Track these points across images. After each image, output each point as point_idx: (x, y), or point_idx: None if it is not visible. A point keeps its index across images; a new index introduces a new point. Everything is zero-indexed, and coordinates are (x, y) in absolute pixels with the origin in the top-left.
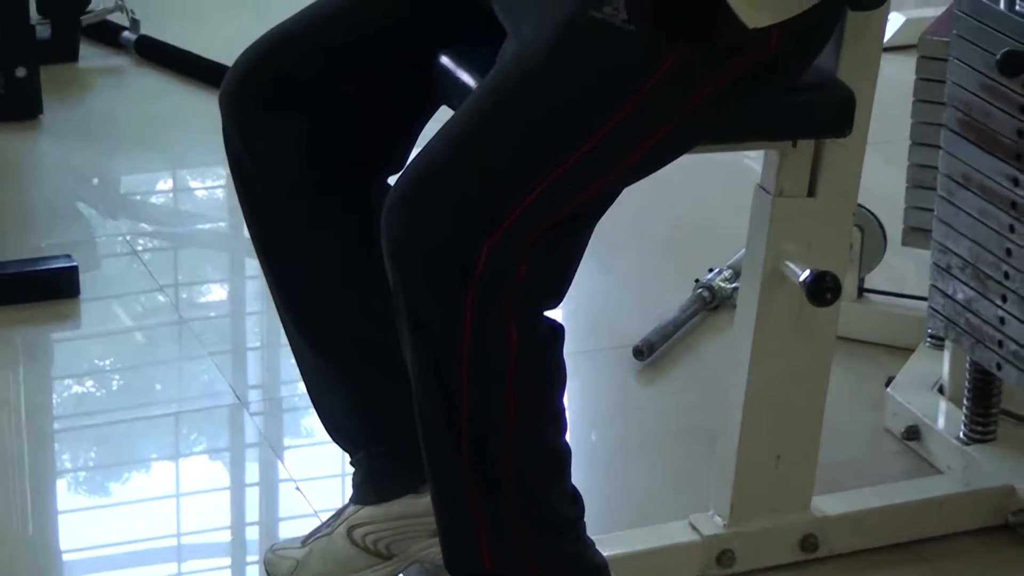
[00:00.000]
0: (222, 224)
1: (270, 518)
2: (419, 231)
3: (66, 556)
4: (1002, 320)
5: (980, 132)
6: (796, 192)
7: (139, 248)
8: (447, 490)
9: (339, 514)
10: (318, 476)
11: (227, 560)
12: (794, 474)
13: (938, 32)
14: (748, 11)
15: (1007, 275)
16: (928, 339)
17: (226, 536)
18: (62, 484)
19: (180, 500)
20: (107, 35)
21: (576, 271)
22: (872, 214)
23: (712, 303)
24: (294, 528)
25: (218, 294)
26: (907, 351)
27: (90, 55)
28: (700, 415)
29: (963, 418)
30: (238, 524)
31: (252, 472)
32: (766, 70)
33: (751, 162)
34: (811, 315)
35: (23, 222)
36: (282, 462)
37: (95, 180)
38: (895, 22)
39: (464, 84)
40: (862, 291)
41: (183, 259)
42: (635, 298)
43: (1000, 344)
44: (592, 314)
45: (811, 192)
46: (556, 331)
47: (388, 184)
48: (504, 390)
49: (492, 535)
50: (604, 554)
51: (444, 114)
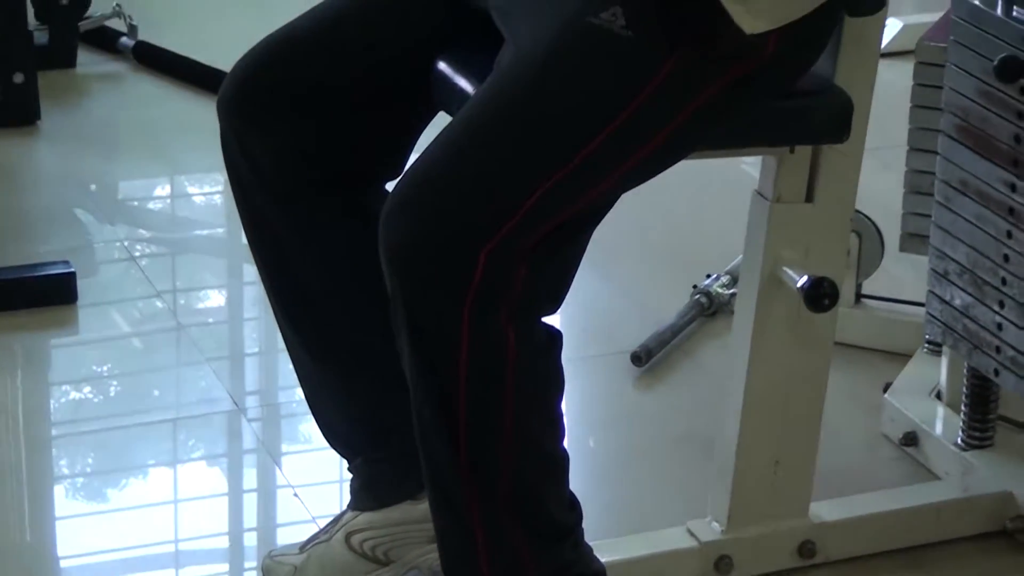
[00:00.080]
0: (220, 230)
1: (268, 524)
2: (417, 237)
3: (63, 563)
4: (1000, 326)
5: (978, 138)
6: (794, 198)
7: (137, 254)
8: (445, 496)
9: (337, 520)
10: (316, 482)
11: (225, 566)
12: (792, 480)
13: (936, 38)
14: (746, 17)
15: (1004, 281)
16: (926, 345)
17: (224, 542)
18: (60, 490)
19: (178, 506)
20: (105, 41)
21: (574, 277)
22: (870, 220)
23: (710, 309)
24: (292, 534)
25: (216, 300)
26: (905, 357)
27: (88, 61)
28: (698, 421)
29: (961, 424)
30: (236, 530)
31: (250, 478)
32: (763, 76)
33: (748, 168)
34: (809, 321)
35: (21, 228)
36: (280, 468)
37: (93, 186)
38: (892, 28)
39: (462, 90)
40: (860, 297)
41: (181, 265)
42: (633, 304)
43: (998, 350)
44: (590, 320)
45: (809, 198)
46: (554, 337)
47: (386, 190)
48: (502, 396)
49: (490, 541)
50: (602, 560)
51: (442, 120)
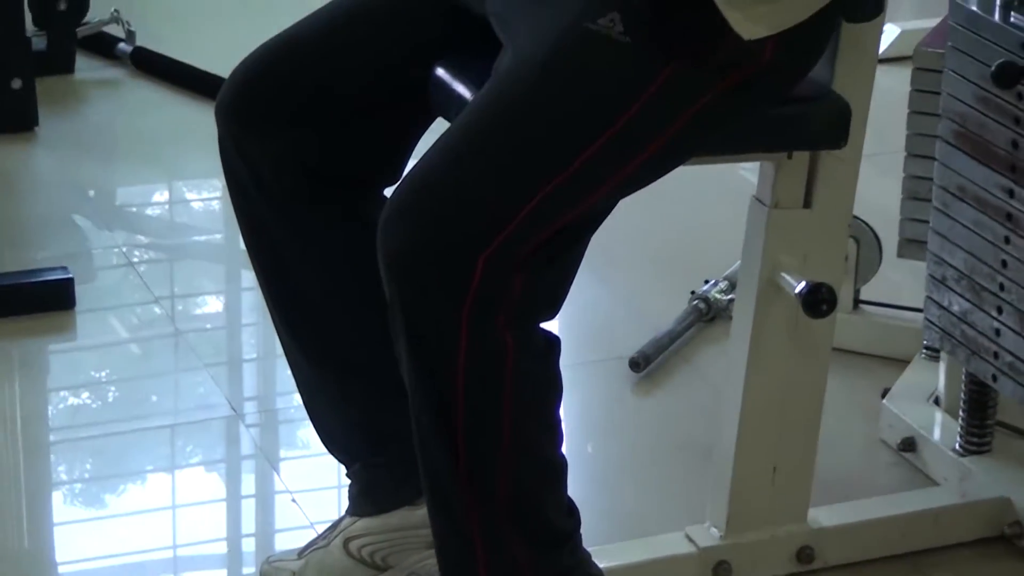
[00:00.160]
0: (218, 236)
1: (266, 530)
2: (415, 243)
3: (61, 568)
4: (997, 332)
5: (975, 144)
6: (792, 204)
7: (135, 260)
8: (443, 502)
9: (335, 526)
10: (314, 488)
11: (223, 572)
12: (790, 486)
13: (933, 44)
14: (744, 23)
15: (1002, 287)
16: (924, 351)
17: (222, 548)
18: (58, 496)
19: (176, 512)
20: (103, 47)
21: (572, 283)
22: (868, 226)
23: (708, 315)
24: (290, 540)
25: (214, 306)
26: (903, 363)
27: (86, 67)
28: (696, 427)
29: (959, 430)
30: (234, 536)
31: (248, 484)
32: (761, 82)
33: (747, 174)
34: (807, 327)
35: (19, 234)
36: (278, 474)
37: (91, 192)
38: (890, 33)
39: (460, 96)
40: (858, 303)
41: (179, 271)
42: (631, 310)
43: (996, 356)
44: (588, 326)
45: (807, 204)
46: (552, 343)
47: (384, 196)
48: (500, 402)
49: (488, 547)
50: (600, 566)
51: (440, 126)
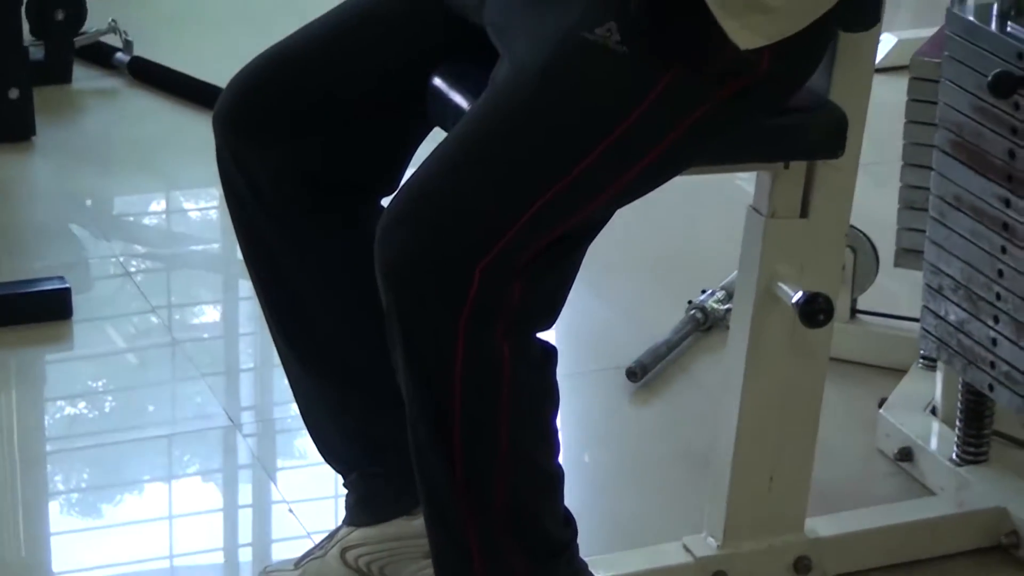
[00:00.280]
0: (215, 245)
1: (263, 540)
2: (412, 253)
3: None
4: (994, 341)
5: (972, 153)
6: (788, 213)
7: (132, 269)
8: (440, 512)
9: (332, 536)
10: (311, 498)
11: None
12: (787, 495)
13: (930, 53)
14: (741, 33)
15: (999, 296)
16: (921, 360)
17: (219, 558)
18: (55, 506)
19: (173, 522)
20: (100, 56)
21: (569, 292)
22: (864, 235)
23: (705, 324)
24: (287, 550)
25: (211, 315)
26: (900, 372)
27: (83, 76)
28: (693, 436)
29: (956, 439)
30: (231, 546)
31: (245, 494)
32: (758, 91)
33: (743, 183)
34: (804, 336)
35: (16, 244)
36: (275, 484)
37: (88, 201)
38: (887, 43)
39: (457, 106)
40: (855, 312)
41: (176, 280)
42: (628, 319)
43: (992, 365)
44: (585, 335)
45: (804, 213)
46: (549, 353)
47: (382, 205)
48: (497, 411)
49: (485, 557)
50: None
51: (437, 135)
